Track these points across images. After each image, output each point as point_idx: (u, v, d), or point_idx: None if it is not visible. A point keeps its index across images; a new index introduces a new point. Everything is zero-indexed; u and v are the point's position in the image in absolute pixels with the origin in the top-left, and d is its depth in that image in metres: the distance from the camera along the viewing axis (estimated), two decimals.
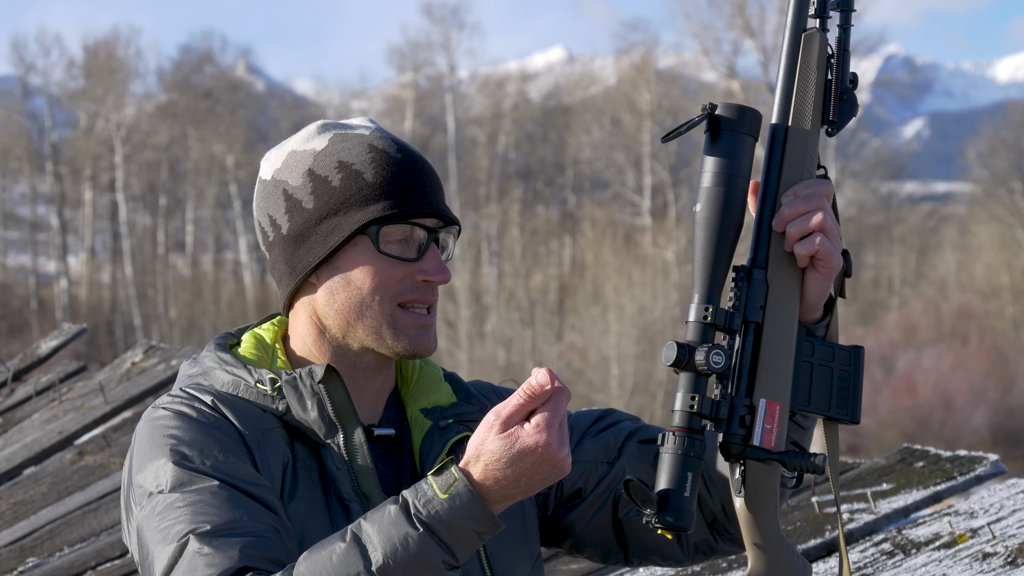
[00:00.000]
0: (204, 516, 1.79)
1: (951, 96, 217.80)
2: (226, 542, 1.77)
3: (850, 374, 1.91)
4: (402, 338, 1.95)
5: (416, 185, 1.95)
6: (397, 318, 1.95)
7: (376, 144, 1.96)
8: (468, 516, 1.73)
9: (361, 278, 1.95)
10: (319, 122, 2.02)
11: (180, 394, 1.96)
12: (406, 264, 1.94)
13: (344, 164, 1.95)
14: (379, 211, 1.93)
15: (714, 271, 1.83)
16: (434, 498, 1.74)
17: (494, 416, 1.76)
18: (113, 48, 50.75)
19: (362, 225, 1.93)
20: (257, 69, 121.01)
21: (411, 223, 1.94)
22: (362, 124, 2.00)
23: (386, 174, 1.94)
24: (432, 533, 1.72)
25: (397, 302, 1.94)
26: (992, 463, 3.97)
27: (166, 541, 1.79)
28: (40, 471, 5.84)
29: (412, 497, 1.74)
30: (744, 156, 1.85)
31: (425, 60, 52.26)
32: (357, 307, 1.95)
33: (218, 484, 1.83)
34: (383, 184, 1.94)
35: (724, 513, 2.05)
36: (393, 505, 1.75)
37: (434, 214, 1.95)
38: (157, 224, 50.12)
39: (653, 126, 45.77)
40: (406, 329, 1.95)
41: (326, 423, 1.93)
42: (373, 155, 1.95)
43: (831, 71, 1.90)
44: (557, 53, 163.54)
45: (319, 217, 1.95)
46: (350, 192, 1.94)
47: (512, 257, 43.78)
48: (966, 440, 28.25)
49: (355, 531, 1.74)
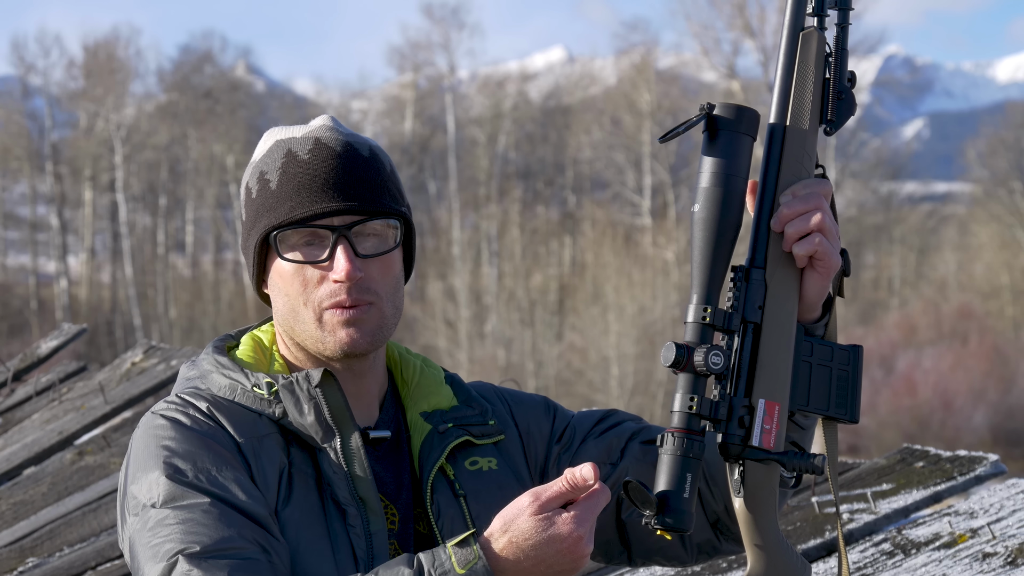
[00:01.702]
0: (194, 535, 1.79)
1: (951, 96, 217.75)
2: (215, 564, 1.77)
3: (849, 374, 1.91)
4: (329, 339, 1.94)
5: (317, 185, 1.92)
6: (324, 321, 1.94)
7: (294, 147, 1.96)
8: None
9: (283, 285, 1.95)
10: (274, 128, 2.02)
11: (176, 400, 1.96)
12: (319, 267, 1.93)
13: (262, 174, 1.97)
14: (274, 218, 1.93)
15: (712, 271, 1.83)
16: (451, 571, 1.74)
17: (532, 497, 1.76)
18: (113, 48, 50.74)
19: (263, 234, 1.94)
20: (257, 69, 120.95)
21: (311, 226, 1.92)
22: (308, 126, 1.99)
23: (287, 178, 1.94)
24: None
25: (324, 306, 1.93)
26: (992, 463, 3.97)
27: (156, 559, 1.80)
28: (40, 471, 5.84)
29: (428, 564, 1.75)
30: (742, 156, 1.85)
31: (425, 60, 52.27)
32: (292, 313, 1.96)
33: (209, 502, 1.83)
34: (282, 190, 1.93)
35: (727, 513, 2.05)
36: (407, 568, 1.75)
37: (338, 211, 1.92)
38: (157, 224, 50.11)
39: (653, 126, 45.75)
40: (332, 329, 1.94)
41: (323, 427, 1.93)
42: (285, 161, 1.95)
43: (829, 70, 1.90)
44: (557, 53, 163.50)
45: (247, 229, 1.98)
46: (260, 201, 1.95)
47: (512, 257, 43.76)
48: (966, 440, 28.24)
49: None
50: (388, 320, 1.96)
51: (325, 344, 1.94)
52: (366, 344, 1.94)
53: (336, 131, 1.97)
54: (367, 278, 1.93)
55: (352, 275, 1.91)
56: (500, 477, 2.01)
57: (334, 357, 1.95)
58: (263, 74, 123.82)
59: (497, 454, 2.05)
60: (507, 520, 1.76)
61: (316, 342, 1.95)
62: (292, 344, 2.00)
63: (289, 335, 1.99)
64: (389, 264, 1.95)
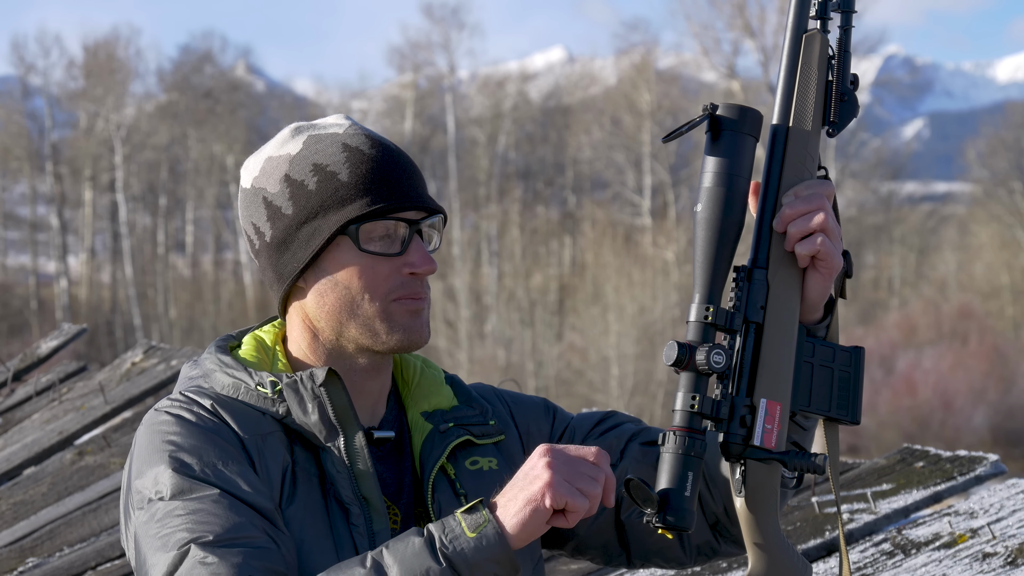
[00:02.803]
0: (205, 525, 1.79)
1: (951, 96, 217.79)
2: (228, 552, 1.76)
3: (850, 374, 1.91)
4: (396, 330, 1.94)
5: (392, 179, 1.94)
6: (391, 312, 1.94)
7: (349, 142, 1.96)
8: (491, 558, 1.73)
9: (348, 278, 1.94)
10: (293, 125, 2.02)
11: (180, 398, 1.95)
12: (391, 259, 1.94)
13: (319, 166, 1.95)
14: (357, 210, 1.92)
15: (715, 271, 1.83)
16: (461, 535, 1.74)
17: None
18: (113, 48, 50.74)
19: (341, 226, 1.93)
20: (257, 69, 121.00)
21: (391, 218, 1.93)
22: (335, 123, 1.99)
23: (361, 172, 1.94)
24: (454, 570, 1.72)
25: (391, 298, 1.94)
26: (992, 463, 3.97)
27: (166, 548, 1.78)
28: (40, 471, 5.84)
29: (438, 532, 1.74)
30: (745, 156, 1.85)
31: (425, 60, 52.27)
32: (348, 307, 1.95)
33: (218, 492, 1.82)
34: (358, 182, 1.93)
35: (726, 514, 2.05)
36: (417, 537, 1.75)
37: (414, 206, 1.94)
38: (157, 224, 50.11)
39: (653, 126, 45.76)
40: (400, 320, 1.94)
41: (327, 426, 1.93)
42: (347, 154, 1.95)
43: (832, 72, 1.90)
44: (557, 53, 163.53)
45: (299, 222, 1.95)
46: (327, 194, 1.94)
47: (512, 257, 43.77)
48: (966, 440, 28.24)
49: (376, 558, 1.74)
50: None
51: (390, 336, 1.94)
52: (426, 336, 1.97)
53: (369, 130, 1.99)
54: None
55: (432, 268, 1.94)
56: (500, 477, 2.01)
57: (396, 349, 1.95)
58: (263, 74, 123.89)
59: (498, 454, 2.05)
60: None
61: (374, 335, 1.95)
62: (315, 346, 1.98)
63: (337, 330, 1.97)
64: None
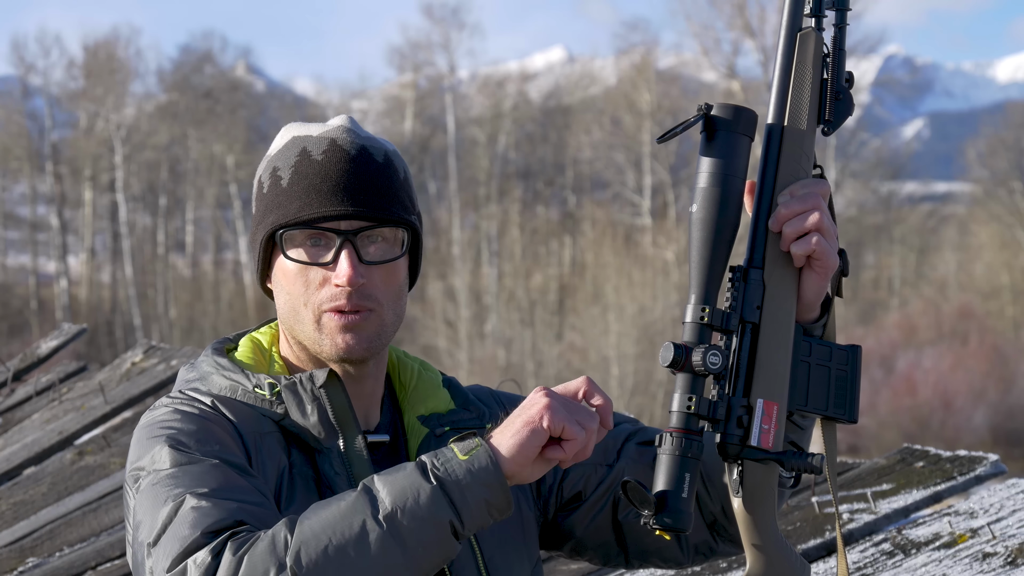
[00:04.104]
0: (202, 482, 1.79)
1: (951, 96, 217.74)
2: (223, 501, 1.76)
3: (847, 374, 1.91)
4: (326, 342, 1.94)
5: (326, 187, 1.92)
6: (323, 323, 1.94)
7: (308, 146, 1.95)
8: (483, 482, 1.72)
9: (286, 283, 1.95)
10: (293, 124, 2.02)
11: (178, 395, 1.96)
12: (322, 269, 1.93)
13: (275, 169, 1.96)
14: (282, 216, 1.93)
15: (711, 271, 1.83)
16: (453, 459, 1.73)
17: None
18: (113, 48, 50.73)
19: (270, 231, 1.93)
20: (257, 69, 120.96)
21: (319, 228, 1.92)
22: (324, 125, 1.99)
23: (299, 178, 1.93)
24: (444, 490, 1.71)
25: (322, 309, 1.93)
26: (992, 463, 3.97)
27: (160, 505, 1.77)
28: (40, 471, 5.84)
29: (430, 458, 1.74)
30: (740, 156, 1.85)
31: (425, 60, 52.26)
32: (292, 313, 1.96)
33: (217, 461, 1.82)
34: (292, 188, 1.93)
35: (724, 514, 2.05)
36: (409, 464, 1.75)
37: (347, 216, 1.91)
38: (157, 224, 50.11)
39: (653, 126, 45.74)
40: (329, 333, 1.94)
41: (326, 428, 1.93)
42: (299, 159, 1.94)
43: (827, 70, 1.90)
44: (557, 53, 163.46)
45: (255, 223, 1.98)
46: (271, 198, 1.95)
47: (512, 257, 43.77)
48: (966, 440, 28.25)
49: (367, 483, 1.74)
50: (387, 327, 1.96)
51: (322, 347, 1.94)
52: (362, 351, 1.94)
53: (353, 133, 1.96)
54: (369, 284, 1.92)
55: (354, 281, 1.91)
56: None
57: (330, 360, 1.96)
58: (263, 74, 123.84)
59: None
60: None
61: (314, 343, 1.95)
62: (294, 343, 2.00)
63: (291, 333, 1.99)
64: (393, 271, 1.95)
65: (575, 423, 1.75)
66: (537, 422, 1.74)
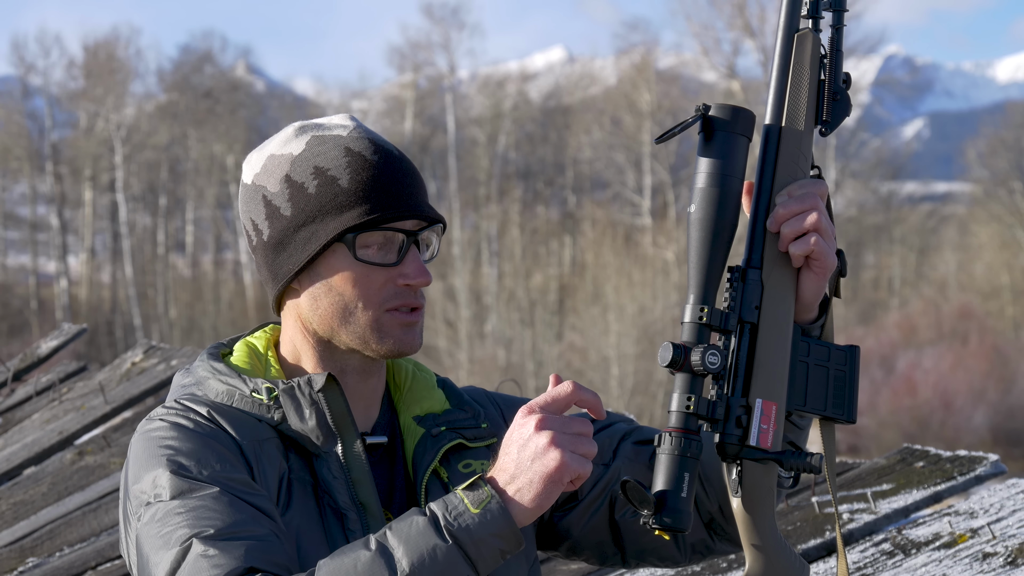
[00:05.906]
0: (207, 521, 1.77)
1: (951, 96, 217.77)
2: (231, 544, 1.75)
3: (846, 374, 1.91)
4: (387, 340, 1.94)
5: (393, 189, 1.93)
6: (383, 323, 1.94)
7: (352, 147, 1.95)
8: (496, 533, 1.72)
9: (342, 285, 1.94)
10: (297, 124, 2.00)
11: (175, 406, 1.94)
12: (386, 269, 1.93)
13: (320, 170, 1.94)
14: (354, 218, 1.92)
15: (709, 272, 1.83)
16: (465, 512, 1.72)
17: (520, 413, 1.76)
18: (113, 48, 50.75)
19: (338, 233, 1.92)
20: (257, 69, 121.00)
21: (388, 228, 1.92)
22: (340, 124, 1.98)
23: (361, 179, 1.93)
24: (461, 548, 1.71)
25: (384, 308, 1.94)
26: (992, 463, 3.98)
27: (168, 546, 1.77)
28: (40, 471, 5.84)
29: (441, 510, 1.73)
30: (738, 157, 1.85)
31: (425, 60, 52.27)
32: (341, 313, 1.94)
33: (218, 490, 1.81)
34: (358, 190, 1.92)
35: (721, 513, 2.05)
36: (420, 517, 1.73)
37: (412, 215, 1.94)
38: (157, 224, 50.12)
39: (653, 126, 45.75)
40: (391, 331, 1.94)
41: (324, 432, 1.92)
42: (349, 159, 1.94)
43: (824, 71, 1.90)
44: (557, 53, 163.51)
45: (296, 225, 1.94)
46: (326, 199, 1.93)
47: (512, 257, 43.77)
48: (966, 440, 28.25)
49: (380, 540, 1.72)
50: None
51: (381, 344, 1.94)
52: (418, 345, 1.97)
53: (373, 132, 1.98)
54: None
55: (425, 281, 1.94)
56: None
57: (386, 356, 1.95)
58: (263, 74, 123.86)
59: (491, 457, 2.05)
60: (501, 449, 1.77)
61: (365, 342, 1.95)
62: (314, 344, 1.98)
63: (328, 335, 1.97)
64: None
65: (585, 463, 1.74)
66: (557, 478, 1.73)
